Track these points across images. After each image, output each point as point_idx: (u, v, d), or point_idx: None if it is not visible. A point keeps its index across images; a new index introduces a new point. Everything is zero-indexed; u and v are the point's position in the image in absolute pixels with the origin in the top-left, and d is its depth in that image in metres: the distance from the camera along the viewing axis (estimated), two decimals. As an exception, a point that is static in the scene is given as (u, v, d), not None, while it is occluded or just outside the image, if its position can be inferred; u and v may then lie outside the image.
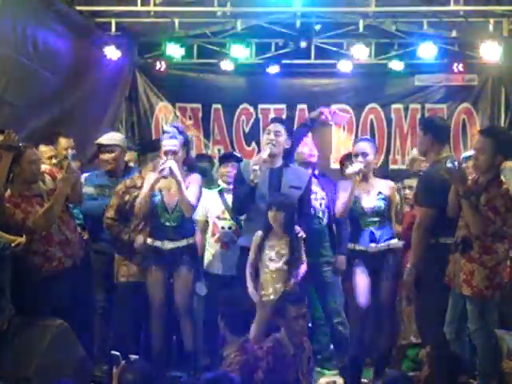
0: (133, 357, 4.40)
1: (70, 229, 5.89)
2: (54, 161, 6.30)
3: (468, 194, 5.03)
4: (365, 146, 6.15)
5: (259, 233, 5.64)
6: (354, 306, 6.23)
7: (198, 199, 6.00)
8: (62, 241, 5.81)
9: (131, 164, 6.93)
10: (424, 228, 5.41)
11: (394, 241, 6.11)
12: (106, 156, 6.60)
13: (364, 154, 6.07)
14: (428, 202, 5.40)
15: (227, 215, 6.47)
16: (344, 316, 6.37)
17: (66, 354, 5.43)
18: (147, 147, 6.59)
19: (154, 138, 9.67)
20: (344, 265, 6.33)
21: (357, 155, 6.09)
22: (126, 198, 6.20)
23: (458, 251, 5.19)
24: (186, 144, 6.04)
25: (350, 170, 6.00)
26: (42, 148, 6.38)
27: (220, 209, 6.50)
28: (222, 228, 6.46)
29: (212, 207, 6.51)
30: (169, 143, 5.88)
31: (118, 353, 4.35)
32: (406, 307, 6.35)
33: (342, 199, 6.04)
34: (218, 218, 6.49)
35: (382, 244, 6.03)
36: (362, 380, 6.07)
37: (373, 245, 6.02)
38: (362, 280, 6.06)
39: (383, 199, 6.08)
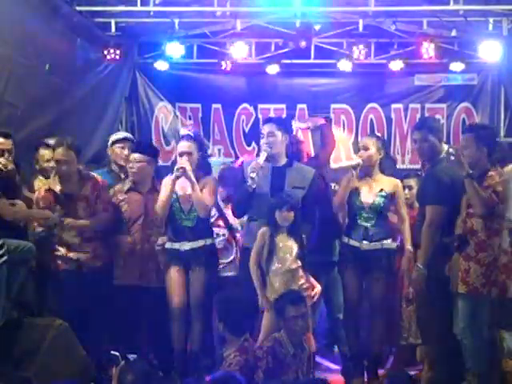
0: (132, 357, 4.42)
1: (75, 232, 5.96)
2: (52, 164, 6.30)
3: (470, 175, 5.13)
4: (367, 141, 6.20)
5: (265, 230, 5.59)
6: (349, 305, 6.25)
7: (213, 200, 6.09)
8: (63, 243, 5.90)
9: None
10: (436, 226, 5.41)
11: (388, 241, 6.12)
12: (119, 150, 6.69)
13: (365, 148, 6.10)
14: (438, 199, 5.41)
15: (221, 222, 6.56)
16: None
17: (66, 354, 5.44)
18: None
19: (153, 137, 9.70)
20: None
21: (359, 150, 6.16)
22: None
23: (455, 249, 5.22)
24: (202, 148, 6.11)
25: (346, 162, 6.03)
26: (41, 151, 6.45)
27: (214, 216, 6.53)
28: (217, 235, 6.48)
29: None
30: (183, 145, 6.02)
31: (117, 353, 4.36)
32: (406, 308, 6.36)
33: (339, 191, 6.10)
34: (212, 224, 6.49)
35: (376, 243, 6.04)
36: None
37: (365, 242, 6.02)
38: (350, 284, 6.08)
39: (384, 197, 6.08)
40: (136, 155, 6.32)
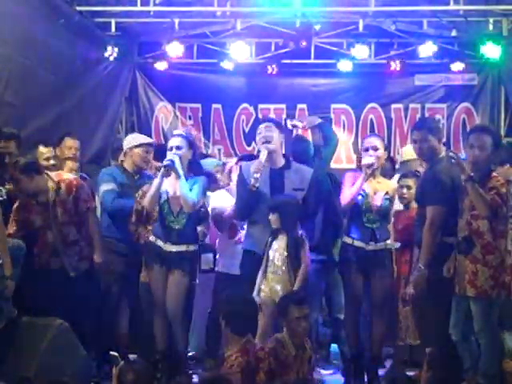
0: (132, 356, 4.41)
1: (63, 237, 5.93)
2: (52, 162, 6.28)
3: (471, 178, 5.10)
4: (375, 141, 6.13)
5: (268, 239, 5.59)
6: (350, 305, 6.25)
7: (201, 198, 6.05)
8: (48, 243, 5.86)
9: None
10: (437, 226, 5.37)
11: (389, 241, 6.12)
12: (143, 154, 6.56)
13: (374, 148, 6.04)
14: (439, 200, 5.37)
15: None
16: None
17: (66, 354, 5.43)
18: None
19: (153, 137, 9.70)
20: None
21: (367, 149, 6.07)
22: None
23: (461, 252, 5.21)
24: (192, 147, 6.12)
25: (366, 160, 5.97)
26: (41, 149, 6.39)
27: None
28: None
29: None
30: (173, 140, 6.07)
31: (116, 353, 4.36)
32: (403, 309, 6.35)
33: (350, 190, 6.01)
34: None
35: (380, 243, 6.04)
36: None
37: (372, 243, 6.02)
38: (353, 284, 6.06)
39: (389, 199, 6.07)
40: None
